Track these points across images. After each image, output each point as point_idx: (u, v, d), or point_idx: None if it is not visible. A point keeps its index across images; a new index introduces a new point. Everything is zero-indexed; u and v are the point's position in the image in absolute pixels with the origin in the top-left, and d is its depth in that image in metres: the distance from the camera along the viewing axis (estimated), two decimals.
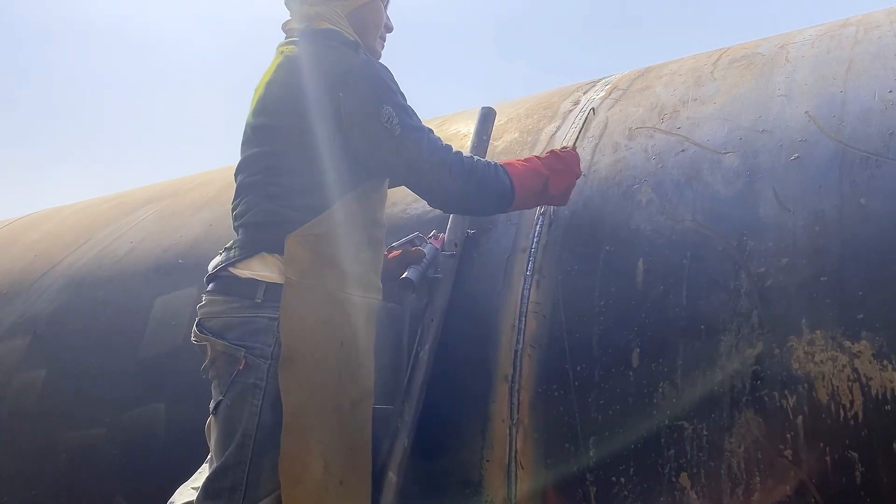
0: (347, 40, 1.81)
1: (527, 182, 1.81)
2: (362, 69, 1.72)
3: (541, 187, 1.82)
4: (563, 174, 1.85)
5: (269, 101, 1.78)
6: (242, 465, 1.59)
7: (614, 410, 1.66)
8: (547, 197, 1.85)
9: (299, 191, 1.71)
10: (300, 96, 1.72)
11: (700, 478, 1.55)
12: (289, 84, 1.75)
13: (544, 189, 1.82)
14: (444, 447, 1.82)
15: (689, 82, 2.12)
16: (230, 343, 1.64)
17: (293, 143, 1.72)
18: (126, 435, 2.31)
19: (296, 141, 1.72)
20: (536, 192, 1.82)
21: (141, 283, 2.59)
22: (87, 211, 3.47)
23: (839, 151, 1.68)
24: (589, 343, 1.73)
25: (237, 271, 1.70)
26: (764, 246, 1.63)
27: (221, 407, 1.64)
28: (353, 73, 1.70)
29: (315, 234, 1.69)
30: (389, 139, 1.70)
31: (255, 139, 1.79)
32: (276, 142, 1.74)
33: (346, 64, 1.72)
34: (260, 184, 1.74)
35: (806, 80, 1.89)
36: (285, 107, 1.73)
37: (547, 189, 1.82)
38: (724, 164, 1.79)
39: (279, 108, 1.75)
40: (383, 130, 1.69)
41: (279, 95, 1.76)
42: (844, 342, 1.48)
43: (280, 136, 1.74)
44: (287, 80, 1.76)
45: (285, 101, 1.74)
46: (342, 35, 1.82)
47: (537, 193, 1.83)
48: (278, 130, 1.74)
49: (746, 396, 1.53)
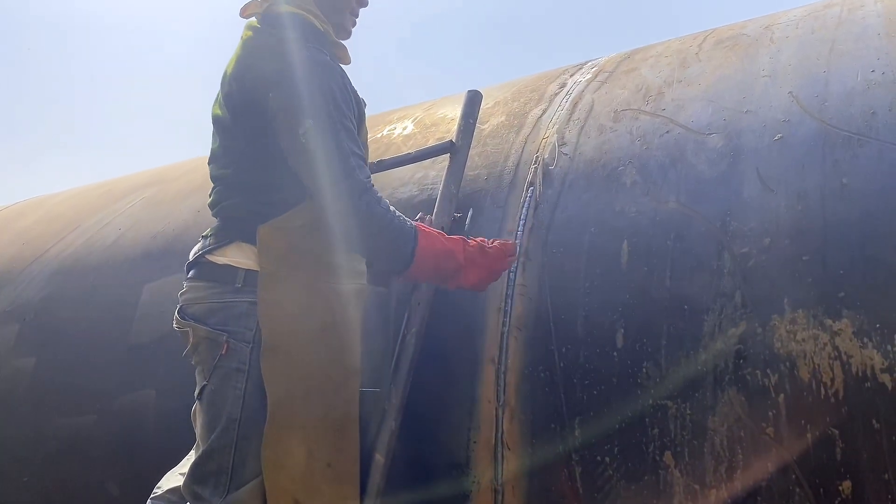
0: (306, 31, 1.74)
1: (431, 259, 1.71)
2: (293, 74, 1.64)
3: (450, 271, 1.73)
4: (480, 268, 1.75)
5: (226, 93, 1.75)
6: (228, 448, 1.60)
7: (599, 391, 1.67)
8: (457, 282, 1.75)
9: (269, 185, 1.71)
10: (245, 92, 1.69)
11: (684, 456, 1.57)
12: (242, 79, 1.71)
13: (454, 274, 1.74)
14: (432, 429, 1.84)
15: (675, 64, 2.12)
16: (212, 328, 1.65)
17: (252, 139, 1.71)
18: (116, 422, 2.32)
19: (254, 138, 1.70)
20: (442, 273, 1.74)
21: (129, 270, 2.59)
22: (76, 199, 3.46)
23: (822, 131, 1.68)
24: (574, 324, 1.74)
25: (214, 258, 1.71)
26: (747, 226, 1.63)
27: (206, 392, 1.65)
28: (285, 76, 1.64)
29: (287, 227, 1.69)
30: (303, 153, 1.63)
31: (219, 130, 1.79)
32: (234, 135, 1.74)
33: (285, 62, 1.66)
34: (229, 177, 1.75)
35: (790, 60, 1.89)
36: (240, 104, 1.71)
37: (458, 276, 1.74)
38: (708, 146, 1.80)
39: (235, 105, 1.72)
40: (298, 144, 1.63)
41: (233, 88, 1.73)
42: (826, 321, 1.49)
43: (237, 129, 1.73)
44: (241, 75, 1.72)
45: (240, 98, 1.71)
46: (304, 22, 1.74)
47: (443, 275, 1.75)
48: (234, 124, 1.73)
49: (729, 375, 1.55)
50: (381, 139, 2.49)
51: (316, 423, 1.64)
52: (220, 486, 1.60)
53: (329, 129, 1.64)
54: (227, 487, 1.60)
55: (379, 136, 2.50)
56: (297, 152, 1.64)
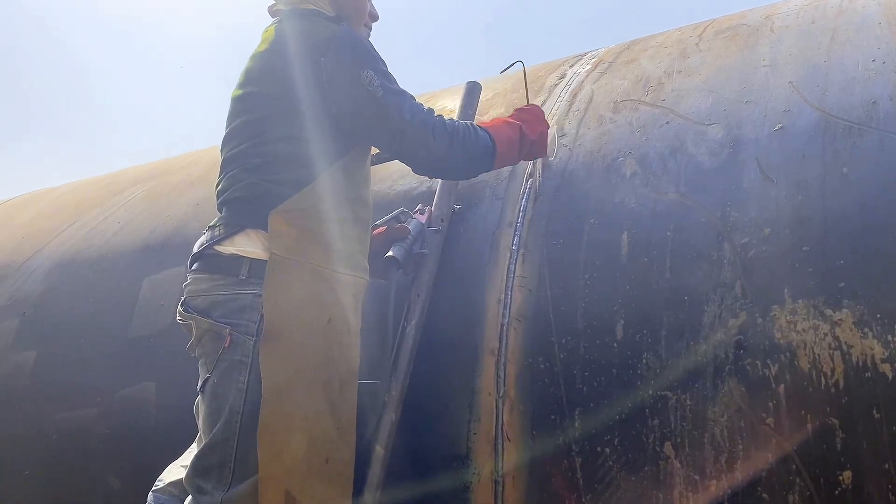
0: (330, 16, 1.83)
1: (503, 134, 1.83)
2: (343, 36, 1.73)
3: (517, 136, 1.84)
4: (533, 122, 1.88)
5: (254, 71, 1.79)
6: (230, 441, 1.60)
7: (599, 382, 1.67)
8: (526, 144, 1.87)
9: (283, 161, 1.70)
10: (284, 63, 1.72)
11: (684, 447, 1.56)
12: (274, 52, 1.76)
13: (522, 137, 1.85)
14: (432, 421, 1.84)
15: (675, 54, 2.11)
16: (216, 321, 1.64)
17: (277, 109, 1.72)
18: (117, 415, 2.32)
19: (280, 107, 1.72)
20: (514, 141, 1.84)
21: (129, 263, 2.59)
22: (76, 192, 3.46)
23: (822, 121, 1.67)
24: (574, 316, 1.74)
25: (221, 248, 1.70)
26: (747, 216, 1.63)
27: (208, 385, 1.65)
28: (334, 40, 1.71)
29: (300, 210, 1.68)
30: (371, 102, 1.69)
31: (241, 108, 1.79)
32: (261, 108, 1.75)
33: (328, 32, 1.73)
34: (243, 155, 1.74)
35: (790, 50, 1.88)
36: (270, 75, 1.75)
37: (525, 136, 1.85)
38: (708, 136, 1.79)
39: (264, 77, 1.76)
40: (364, 93, 1.69)
41: (264, 64, 1.77)
42: (826, 311, 1.49)
43: (265, 102, 1.74)
44: (272, 50, 1.77)
45: (270, 68, 1.75)
46: (325, 13, 1.84)
47: (515, 143, 1.85)
48: (263, 97, 1.75)
49: (729, 366, 1.55)
50: None
51: (320, 417, 1.63)
52: (223, 479, 1.60)
53: (385, 76, 1.73)
54: (231, 480, 1.60)
55: None
56: (365, 102, 1.70)
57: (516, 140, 1.84)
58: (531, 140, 1.86)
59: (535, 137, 1.87)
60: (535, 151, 1.90)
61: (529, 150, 1.89)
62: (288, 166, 1.70)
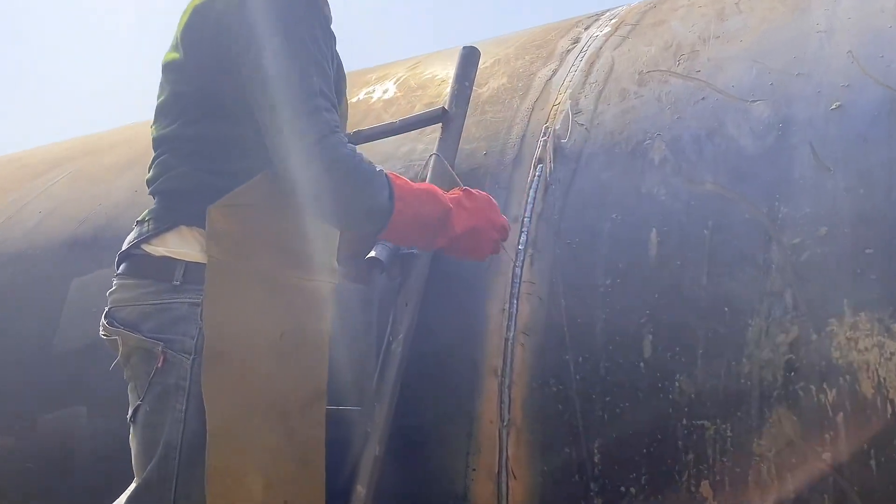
0: None
1: (412, 205, 1.66)
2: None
3: (436, 218, 1.69)
4: (470, 212, 1.73)
5: (184, 32, 1.72)
6: (168, 481, 1.58)
7: (623, 408, 1.68)
8: (447, 234, 1.71)
9: (221, 147, 1.68)
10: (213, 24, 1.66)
11: (724, 486, 1.57)
12: (205, 9, 1.69)
13: (442, 222, 1.70)
14: (423, 455, 1.84)
15: (711, 16, 2.12)
16: (145, 336, 1.62)
17: (208, 81, 1.68)
18: (40, 445, 2.31)
19: (211, 79, 1.67)
20: (426, 222, 1.69)
21: (53, 261, 2.57)
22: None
23: (888, 98, 1.68)
24: (592, 329, 1.74)
25: (151, 248, 1.68)
26: (799, 212, 1.64)
27: (140, 413, 1.63)
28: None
29: (245, 205, 1.66)
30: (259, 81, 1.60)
31: (170, 78, 1.75)
32: (189, 81, 1.70)
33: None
34: (174, 137, 1.71)
35: (849, 13, 1.89)
36: (199, 36, 1.68)
37: (447, 224, 1.70)
38: (751, 115, 1.80)
39: (193, 39, 1.69)
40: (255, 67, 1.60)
41: (194, 23, 1.70)
42: (893, 326, 1.50)
43: (193, 73, 1.70)
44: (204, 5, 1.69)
45: (199, 29, 1.68)
46: None
47: (428, 225, 1.70)
48: (191, 67, 1.70)
49: (778, 391, 1.55)
50: (357, 104, 2.47)
51: (275, 452, 1.62)
52: None
53: (300, 55, 1.61)
54: None
55: (355, 101, 2.48)
56: (253, 80, 1.61)
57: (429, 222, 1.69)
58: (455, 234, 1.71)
59: (462, 232, 1.71)
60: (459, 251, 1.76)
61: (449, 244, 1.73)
62: (226, 153, 1.68)
